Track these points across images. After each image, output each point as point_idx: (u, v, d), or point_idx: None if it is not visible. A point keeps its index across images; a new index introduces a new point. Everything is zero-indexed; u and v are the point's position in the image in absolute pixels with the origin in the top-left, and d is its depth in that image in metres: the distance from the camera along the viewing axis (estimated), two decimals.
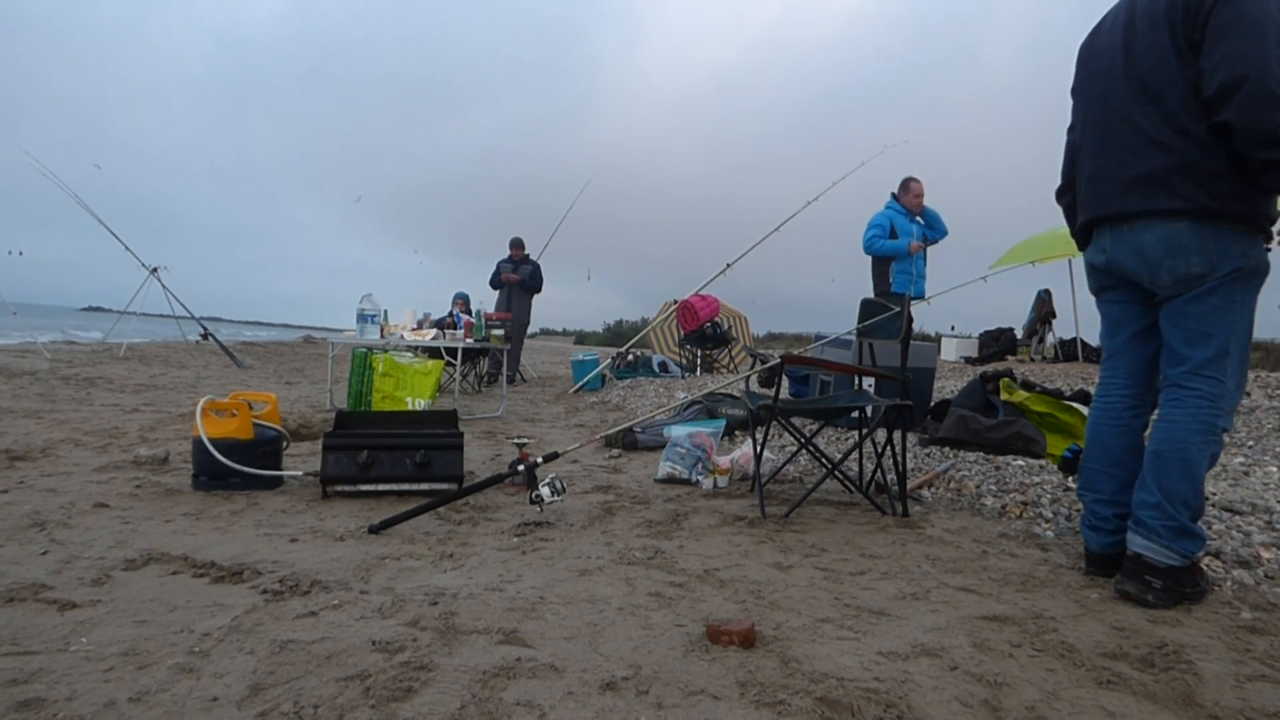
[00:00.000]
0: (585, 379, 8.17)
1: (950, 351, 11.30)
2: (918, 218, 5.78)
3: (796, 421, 3.10)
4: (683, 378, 8.65)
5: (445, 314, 7.78)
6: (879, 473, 2.82)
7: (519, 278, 8.50)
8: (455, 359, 5.64)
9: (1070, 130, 2.16)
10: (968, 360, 10.49)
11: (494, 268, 8.73)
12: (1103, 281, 2.06)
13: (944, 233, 5.85)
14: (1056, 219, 2.35)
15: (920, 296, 5.77)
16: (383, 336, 5.10)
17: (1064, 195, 2.21)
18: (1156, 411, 1.94)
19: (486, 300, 8.55)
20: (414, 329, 5.50)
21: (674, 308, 9.90)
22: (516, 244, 8.73)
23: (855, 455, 3.08)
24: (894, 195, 5.75)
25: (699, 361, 9.59)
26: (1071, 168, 2.15)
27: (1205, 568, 2.00)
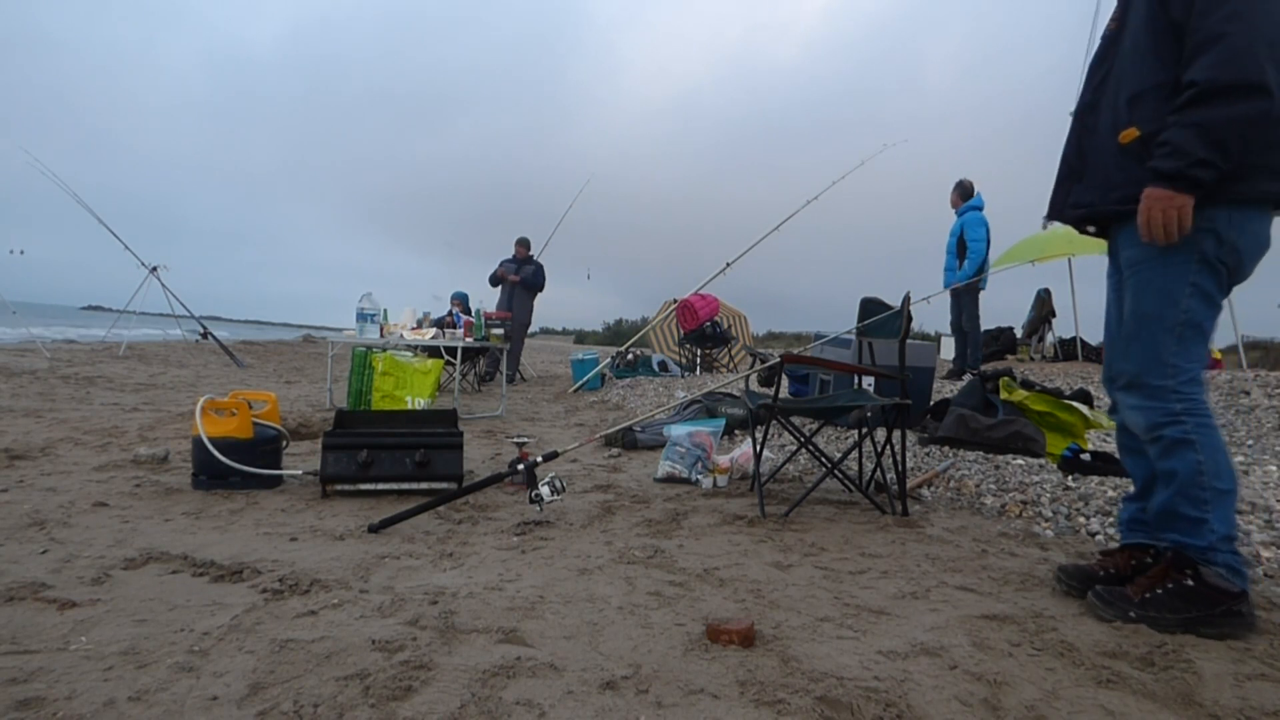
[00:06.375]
0: (585, 378, 8.16)
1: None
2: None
3: (796, 421, 3.09)
4: (682, 377, 8.64)
5: (444, 313, 7.78)
6: (879, 472, 2.82)
7: (518, 277, 8.49)
8: (455, 358, 5.65)
9: None
10: None
11: (497, 265, 8.73)
12: None
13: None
14: (1036, 226, 2.29)
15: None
16: (382, 336, 5.11)
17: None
18: None
19: (487, 299, 8.54)
20: (413, 328, 5.51)
21: (674, 307, 9.89)
22: (521, 243, 8.75)
23: (855, 454, 3.08)
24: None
25: (699, 361, 9.59)
26: None
27: None
